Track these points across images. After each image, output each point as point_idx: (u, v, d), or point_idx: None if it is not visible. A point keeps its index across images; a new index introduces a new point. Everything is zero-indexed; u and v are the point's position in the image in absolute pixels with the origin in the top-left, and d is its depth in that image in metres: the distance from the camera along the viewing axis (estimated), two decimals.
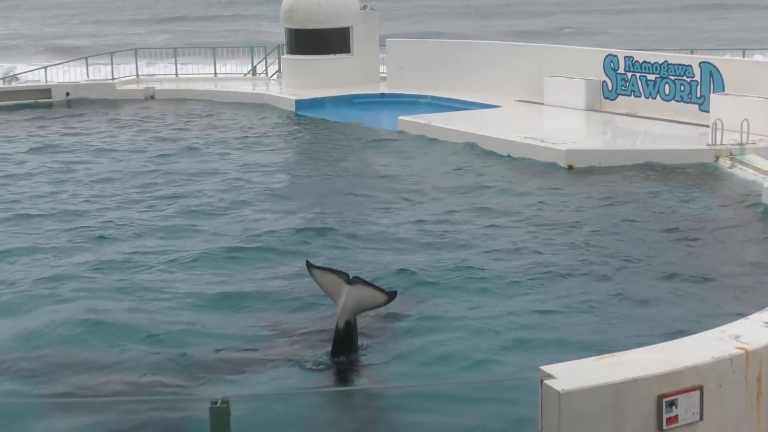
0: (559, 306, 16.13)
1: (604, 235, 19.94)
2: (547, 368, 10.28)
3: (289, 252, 19.35)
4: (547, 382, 10.01)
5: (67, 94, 40.23)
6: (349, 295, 13.15)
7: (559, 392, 9.83)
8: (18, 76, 44.99)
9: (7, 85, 42.44)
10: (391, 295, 13.31)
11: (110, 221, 21.96)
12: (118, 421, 12.13)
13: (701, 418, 10.25)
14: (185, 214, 22.53)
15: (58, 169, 27.78)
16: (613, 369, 10.32)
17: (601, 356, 10.96)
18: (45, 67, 44.48)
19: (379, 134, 31.88)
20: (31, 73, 45.01)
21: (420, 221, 21.47)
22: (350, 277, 13.32)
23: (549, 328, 15.10)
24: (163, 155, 29.83)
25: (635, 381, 10.07)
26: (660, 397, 9.94)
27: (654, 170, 24.89)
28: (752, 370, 10.69)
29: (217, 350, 14.46)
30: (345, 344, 13.55)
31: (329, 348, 13.72)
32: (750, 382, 10.73)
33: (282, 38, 40.89)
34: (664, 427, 10.05)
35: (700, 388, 10.24)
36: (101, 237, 20.71)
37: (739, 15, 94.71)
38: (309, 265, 14.02)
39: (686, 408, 10.13)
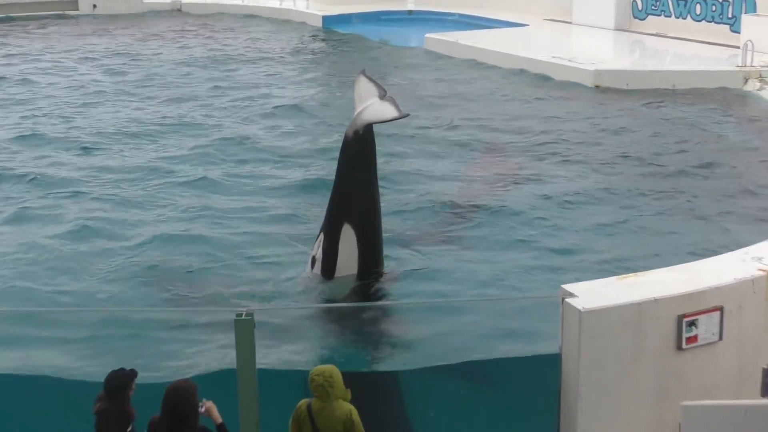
0: (580, 226, 16.15)
1: (628, 157, 19.85)
2: (568, 287, 10.35)
3: (312, 166, 19.54)
4: (569, 300, 10.08)
5: (94, 6, 40.15)
6: (374, 104, 12.71)
7: (580, 311, 9.91)
8: None
9: None
10: (404, 115, 12.77)
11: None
12: (145, 331, 12.33)
13: (720, 338, 10.32)
14: (211, 127, 22.72)
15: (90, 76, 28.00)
16: (635, 288, 10.37)
17: (622, 276, 11.01)
18: None
19: (405, 52, 31.71)
20: None
21: (443, 137, 21.70)
22: (386, 94, 12.90)
23: (571, 248, 15.14)
24: (190, 67, 29.97)
25: (656, 301, 10.12)
26: (680, 317, 10.00)
27: (682, 92, 24.68)
28: None
29: (244, 264, 14.61)
30: (353, 160, 12.81)
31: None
32: None
33: None
34: (684, 346, 10.13)
35: (721, 309, 10.28)
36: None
37: None
38: (362, 73, 13.33)
39: (706, 328, 10.19)
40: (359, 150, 12.68)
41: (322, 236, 13.16)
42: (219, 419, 8.04)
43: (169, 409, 7.90)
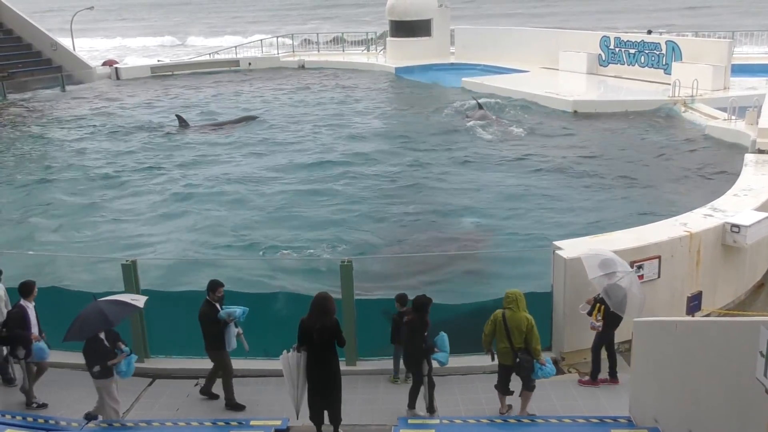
0: (566, 202, 15.95)
1: (598, 156, 19.53)
2: (557, 243, 10.27)
3: (385, 162, 19.78)
4: (558, 252, 9.98)
5: (249, 63, 40.55)
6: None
7: (565, 259, 9.80)
8: (218, 52, 45.29)
9: (212, 59, 42.82)
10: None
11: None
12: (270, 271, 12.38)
13: (659, 276, 10.15)
14: (310, 140, 22.97)
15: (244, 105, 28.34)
16: (602, 244, 10.22)
17: (594, 236, 10.87)
18: (235, 47, 44.77)
19: (448, 90, 31.36)
20: (226, 51, 45.13)
21: (470, 142, 21.65)
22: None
23: (559, 217, 14.95)
24: (311, 96, 30.57)
25: (616, 252, 9.95)
26: (632, 263, 9.82)
27: (632, 113, 24.18)
28: (694, 245, 10.52)
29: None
30: None
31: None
32: (692, 253, 10.60)
33: (386, 27, 40.15)
34: None
35: (659, 257, 10.11)
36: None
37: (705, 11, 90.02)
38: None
39: (649, 270, 10.04)
40: None
41: None
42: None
43: (318, 307, 7.82)
